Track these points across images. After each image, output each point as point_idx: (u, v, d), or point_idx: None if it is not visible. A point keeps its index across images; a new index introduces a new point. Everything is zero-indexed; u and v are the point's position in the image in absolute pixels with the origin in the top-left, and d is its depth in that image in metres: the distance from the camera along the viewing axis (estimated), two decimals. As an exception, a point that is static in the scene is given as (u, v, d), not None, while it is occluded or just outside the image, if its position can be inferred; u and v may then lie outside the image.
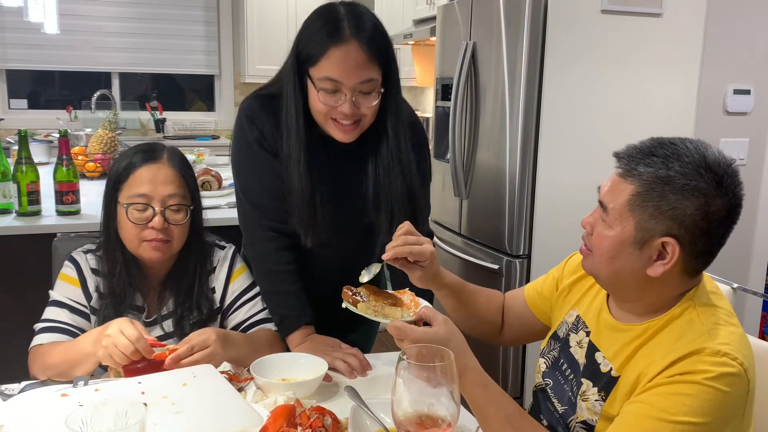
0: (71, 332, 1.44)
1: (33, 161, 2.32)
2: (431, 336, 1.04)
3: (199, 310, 1.51)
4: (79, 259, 1.51)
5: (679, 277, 1.06)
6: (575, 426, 1.16)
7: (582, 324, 1.22)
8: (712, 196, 1.00)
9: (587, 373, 1.16)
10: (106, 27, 5.52)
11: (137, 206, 1.42)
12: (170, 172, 1.45)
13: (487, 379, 1.07)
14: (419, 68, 4.82)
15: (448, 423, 0.93)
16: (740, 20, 2.66)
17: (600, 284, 1.17)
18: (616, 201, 1.06)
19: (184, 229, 1.47)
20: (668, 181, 1.01)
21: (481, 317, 1.41)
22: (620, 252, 1.06)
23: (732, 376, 0.95)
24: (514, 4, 2.49)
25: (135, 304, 1.49)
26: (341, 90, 1.38)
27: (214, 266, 1.57)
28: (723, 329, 1.01)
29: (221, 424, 1.11)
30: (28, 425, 1.08)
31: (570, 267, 1.34)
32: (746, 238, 2.83)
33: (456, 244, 2.96)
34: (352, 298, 1.23)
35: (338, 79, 1.36)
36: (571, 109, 2.49)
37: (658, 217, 1.01)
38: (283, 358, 1.40)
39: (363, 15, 1.40)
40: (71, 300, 1.47)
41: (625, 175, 1.05)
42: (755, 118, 2.75)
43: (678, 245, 1.01)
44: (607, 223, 1.07)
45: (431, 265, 1.30)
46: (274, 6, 5.52)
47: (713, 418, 0.94)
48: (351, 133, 1.44)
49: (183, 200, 1.46)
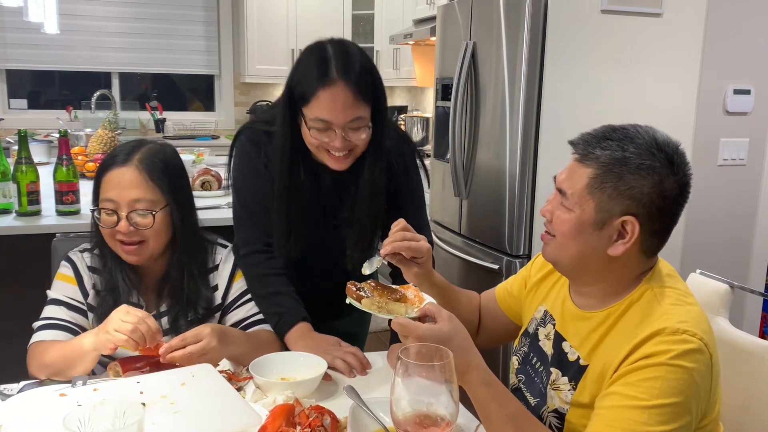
0: (70, 329, 1.45)
1: (33, 161, 2.32)
2: (435, 333, 1.04)
3: (195, 308, 1.51)
4: (75, 258, 1.52)
5: (637, 257, 1.10)
6: (547, 416, 1.18)
7: (549, 317, 1.25)
8: (666, 174, 1.05)
9: (555, 362, 1.19)
10: (106, 27, 5.53)
11: (106, 211, 1.43)
12: (136, 176, 1.43)
13: (491, 377, 1.07)
14: (419, 68, 4.82)
15: (447, 422, 0.93)
16: (740, 20, 2.66)
17: (560, 270, 1.20)
18: (575, 186, 1.10)
19: (158, 231, 1.46)
20: (624, 162, 1.06)
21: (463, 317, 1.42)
22: (581, 233, 1.09)
23: (694, 352, 0.98)
24: (514, 4, 2.48)
25: (131, 302, 1.49)
26: (332, 128, 1.44)
27: (217, 264, 1.57)
28: (680, 308, 1.05)
29: (220, 424, 1.11)
30: (27, 425, 1.08)
31: (537, 265, 1.37)
32: (746, 238, 2.83)
33: (456, 244, 2.96)
34: (356, 294, 1.23)
35: (328, 119, 1.43)
36: (571, 109, 2.48)
37: (616, 198, 1.06)
38: (282, 357, 1.40)
39: (351, 55, 1.45)
40: (68, 297, 1.48)
41: (582, 159, 1.10)
42: (755, 118, 2.75)
43: (637, 223, 1.06)
44: (567, 207, 1.11)
45: (427, 263, 1.32)
46: (274, 6, 5.52)
47: (684, 395, 0.97)
48: (344, 162, 1.51)
49: (150, 205, 1.44)
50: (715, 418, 1.08)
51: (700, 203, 2.69)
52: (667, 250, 1.16)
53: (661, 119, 2.57)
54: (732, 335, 1.35)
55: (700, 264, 1.95)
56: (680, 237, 2.64)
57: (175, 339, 1.31)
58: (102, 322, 1.33)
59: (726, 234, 2.79)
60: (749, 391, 1.30)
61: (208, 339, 1.32)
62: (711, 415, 1.06)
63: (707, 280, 1.45)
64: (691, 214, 2.66)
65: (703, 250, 2.74)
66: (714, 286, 1.42)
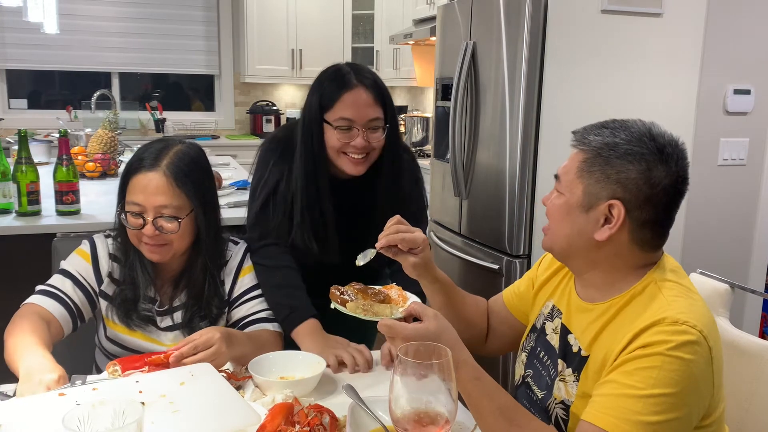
0: (68, 305, 1.47)
1: (33, 161, 2.32)
2: (422, 332, 1.05)
3: (209, 308, 1.53)
4: (97, 241, 1.55)
5: (628, 247, 1.10)
6: (554, 407, 1.18)
7: (557, 311, 1.26)
8: (654, 161, 1.06)
9: (561, 355, 1.19)
10: (106, 27, 5.53)
11: (132, 213, 1.45)
12: (164, 182, 1.44)
13: (480, 372, 1.08)
14: (419, 68, 4.82)
15: (446, 420, 0.93)
16: (740, 20, 2.66)
17: (556, 257, 1.22)
18: (569, 172, 1.13)
19: (183, 234, 1.48)
20: (613, 147, 1.08)
21: (470, 321, 1.42)
22: (569, 215, 1.12)
23: (692, 344, 0.98)
24: (514, 4, 2.49)
25: (148, 295, 1.52)
26: (354, 127, 1.60)
27: (227, 260, 1.59)
28: (683, 300, 1.05)
29: (219, 423, 1.11)
30: (27, 425, 1.08)
31: (545, 263, 1.38)
32: (746, 238, 2.83)
33: (456, 244, 2.96)
34: (340, 298, 1.23)
35: (351, 118, 1.60)
36: (571, 109, 2.48)
37: (603, 182, 1.08)
38: (282, 356, 1.40)
39: (364, 69, 1.67)
40: (80, 274, 1.51)
41: (577, 145, 1.13)
42: (755, 118, 2.75)
43: (623, 209, 1.07)
44: (560, 192, 1.14)
45: (424, 252, 1.32)
46: (274, 6, 5.53)
47: (681, 387, 0.97)
48: (362, 166, 1.64)
49: (176, 211, 1.45)
50: (719, 418, 1.07)
51: (700, 203, 2.68)
52: (667, 250, 1.16)
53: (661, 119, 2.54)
54: (732, 335, 1.35)
55: (700, 264, 1.95)
56: (680, 237, 2.64)
57: (186, 347, 1.30)
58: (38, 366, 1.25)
59: (726, 234, 2.78)
60: (749, 391, 1.30)
61: (218, 344, 1.32)
62: (715, 413, 1.05)
63: (707, 280, 1.45)
64: (691, 214, 2.66)
65: (703, 250, 2.73)
66: (714, 286, 1.42)
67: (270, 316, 1.58)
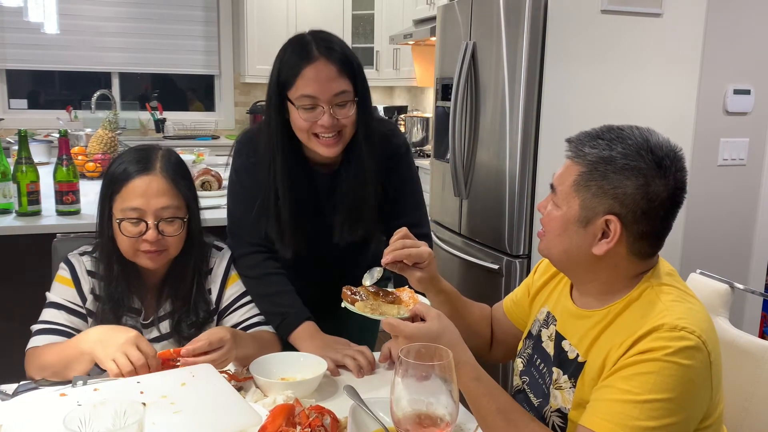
0: (67, 333, 1.44)
1: (33, 161, 2.32)
2: (424, 331, 1.05)
3: (196, 312, 1.50)
4: (74, 261, 1.50)
5: (626, 258, 1.10)
6: (550, 415, 1.19)
7: (552, 318, 1.25)
8: (652, 176, 1.04)
9: (556, 362, 1.19)
10: (106, 27, 5.53)
11: (131, 220, 1.41)
12: (163, 183, 1.43)
13: (481, 372, 1.08)
14: (419, 68, 4.82)
15: (447, 422, 0.93)
16: (740, 20, 2.66)
17: (554, 265, 1.22)
18: (564, 183, 1.11)
19: (179, 238, 1.46)
20: (610, 161, 1.06)
21: (475, 330, 1.43)
22: (566, 230, 1.11)
23: (691, 349, 0.98)
24: (514, 4, 2.49)
25: (132, 307, 1.49)
26: (318, 104, 1.46)
27: (211, 267, 1.56)
28: (681, 305, 1.04)
29: (220, 424, 1.11)
30: (27, 425, 1.08)
31: (540, 270, 1.37)
32: (746, 238, 2.83)
33: (456, 244, 2.96)
34: (351, 298, 1.24)
35: (314, 95, 1.45)
36: (571, 109, 2.49)
37: (600, 197, 1.06)
38: (283, 357, 1.40)
39: (329, 37, 1.51)
40: (67, 301, 1.47)
41: (573, 157, 1.11)
42: (755, 118, 2.75)
43: (620, 224, 1.06)
44: (556, 203, 1.12)
45: (430, 267, 1.32)
46: (274, 6, 5.52)
47: (678, 392, 0.97)
48: (334, 147, 1.50)
49: (177, 211, 1.44)
50: (717, 419, 1.07)
51: (700, 203, 2.69)
52: (667, 250, 1.16)
53: (661, 119, 2.57)
54: (732, 335, 1.35)
55: (700, 264, 1.95)
56: (680, 237, 2.65)
57: (200, 342, 1.29)
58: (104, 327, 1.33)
59: (726, 234, 2.78)
60: (749, 391, 1.30)
61: (230, 344, 1.32)
62: (713, 416, 1.06)
63: (707, 280, 1.45)
64: (691, 214, 2.66)
65: (703, 250, 2.73)
66: (714, 286, 1.42)
67: (264, 320, 1.56)
